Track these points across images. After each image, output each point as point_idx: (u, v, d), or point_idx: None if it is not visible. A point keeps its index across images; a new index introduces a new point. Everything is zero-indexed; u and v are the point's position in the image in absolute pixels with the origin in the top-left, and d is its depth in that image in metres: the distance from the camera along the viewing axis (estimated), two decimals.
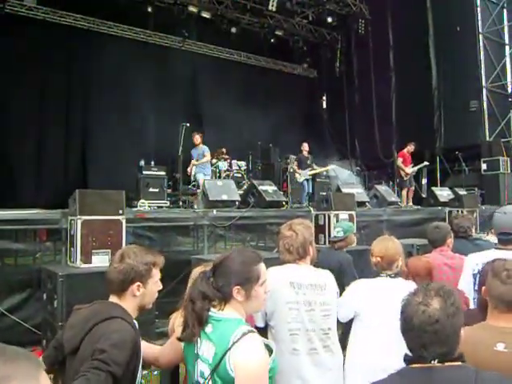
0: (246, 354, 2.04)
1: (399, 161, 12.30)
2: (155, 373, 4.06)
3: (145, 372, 4.03)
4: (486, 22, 14.72)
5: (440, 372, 1.75)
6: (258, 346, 2.10)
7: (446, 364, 1.77)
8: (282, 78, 18.03)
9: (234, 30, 16.10)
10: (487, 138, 13.98)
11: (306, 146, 12.15)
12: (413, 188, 12.26)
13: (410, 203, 11.84)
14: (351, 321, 3.47)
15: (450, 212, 9.43)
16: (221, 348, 2.07)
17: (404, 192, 12.14)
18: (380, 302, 3.29)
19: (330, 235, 6.84)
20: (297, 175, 11.71)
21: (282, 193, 10.03)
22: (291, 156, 11.55)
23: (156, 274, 2.49)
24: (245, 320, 2.27)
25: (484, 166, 12.34)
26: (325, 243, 7.13)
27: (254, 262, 2.33)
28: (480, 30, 14.72)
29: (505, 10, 15.53)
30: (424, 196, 12.16)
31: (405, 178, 12.15)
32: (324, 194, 8.73)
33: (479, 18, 14.76)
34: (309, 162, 11.96)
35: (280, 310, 3.06)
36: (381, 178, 14.93)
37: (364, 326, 3.35)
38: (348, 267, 4.94)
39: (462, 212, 9.22)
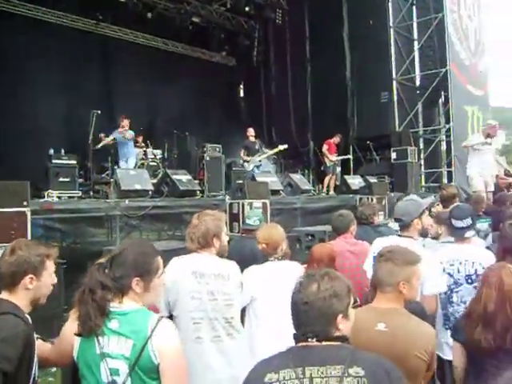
0: (168, 338, 2.10)
1: (324, 147, 12.84)
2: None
3: (55, 369, 3.91)
4: (397, 18, 15.25)
5: (317, 350, 1.87)
6: (174, 330, 2.19)
7: (324, 343, 1.88)
8: (199, 66, 17.80)
9: (149, 14, 15.67)
10: (397, 129, 14.60)
11: (251, 131, 11.92)
12: (334, 176, 12.71)
13: (331, 191, 12.28)
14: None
15: (360, 199, 9.81)
16: (139, 338, 2.07)
17: (326, 179, 12.59)
18: (273, 283, 3.48)
19: (243, 223, 6.92)
20: (245, 164, 11.52)
21: (197, 182, 10.00)
22: (208, 144, 11.45)
23: (50, 266, 2.42)
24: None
25: (394, 155, 12.87)
26: (239, 232, 7.18)
27: (153, 253, 2.35)
28: (391, 25, 15.24)
29: (414, 7, 16.15)
30: (337, 184, 12.56)
31: (328, 164, 12.72)
32: (240, 182, 8.77)
33: (390, 13, 15.25)
34: (257, 146, 11.80)
35: (182, 299, 3.10)
36: (297, 167, 15.24)
37: (260, 308, 3.49)
38: (260, 255, 5.01)
39: (371, 199, 9.61)
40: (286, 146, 12.12)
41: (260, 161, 11.59)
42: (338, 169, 13.30)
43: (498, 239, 3.57)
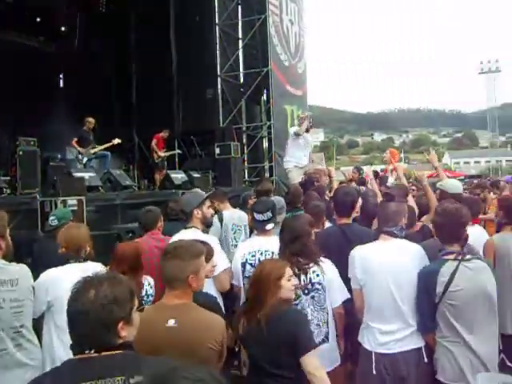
0: None
1: (153, 142, 12.70)
2: None
3: None
4: (223, 16, 15.55)
5: (95, 362, 1.76)
6: None
7: (104, 354, 1.78)
8: (14, 50, 16.27)
9: None
10: (221, 124, 14.92)
11: (90, 121, 11.22)
12: (164, 171, 12.49)
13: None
14: None
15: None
16: None
17: (157, 175, 12.38)
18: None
19: None
20: (79, 156, 10.64)
21: (8, 178, 9.24)
22: (21, 137, 10.53)
23: None
24: None
25: (217, 151, 13.10)
26: None
27: None
28: (217, 22, 15.51)
29: (239, 7, 16.63)
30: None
31: (156, 161, 12.61)
32: (54, 178, 8.24)
33: (216, 10, 15.47)
34: (92, 137, 11.06)
35: None
36: (121, 162, 14.77)
37: (59, 315, 3.24)
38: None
39: None
40: (119, 141, 11.56)
41: (94, 153, 10.99)
42: (165, 164, 13.21)
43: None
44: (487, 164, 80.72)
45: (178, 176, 10.97)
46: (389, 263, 3.31)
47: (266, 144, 16.31)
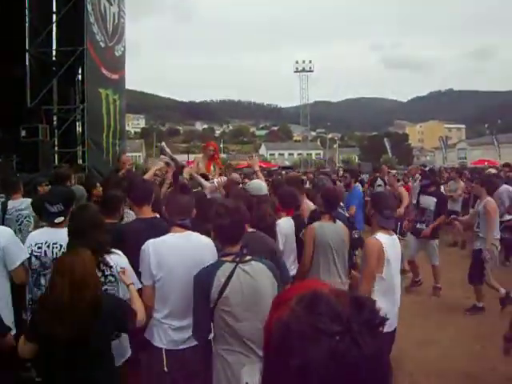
0: None
1: None
2: None
3: None
4: None
5: None
6: None
7: None
8: None
9: None
10: (28, 105, 13.75)
11: None
12: None
13: None
14: None
15: None
16: None
17: None
18: None
19: None
20: None
21: None
22: None
23: None
24: None
25: (23, 133, 12.11)
26: None
27: None
28: None
29: None
30: None
31: None
32: None
33: None
34: None
35: None
36: None
37: None
38: None
39: None
40: None
41: None
42: None
43: None
44: (299, 156, 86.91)
45: None
46: (185, 257, 3.27)
47: (79, 128, 15.46)
